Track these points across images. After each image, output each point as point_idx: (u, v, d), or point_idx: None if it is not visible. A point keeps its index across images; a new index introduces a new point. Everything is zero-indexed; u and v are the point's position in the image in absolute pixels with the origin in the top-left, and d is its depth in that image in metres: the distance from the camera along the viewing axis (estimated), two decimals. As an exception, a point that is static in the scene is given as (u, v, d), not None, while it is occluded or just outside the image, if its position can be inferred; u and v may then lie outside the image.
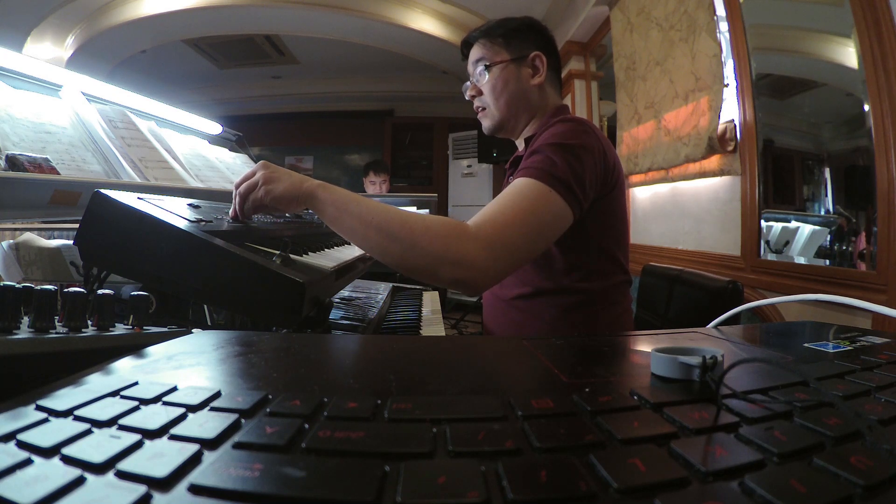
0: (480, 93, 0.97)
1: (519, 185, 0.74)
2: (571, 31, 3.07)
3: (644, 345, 0.38)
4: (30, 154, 0.71)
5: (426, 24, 3.60)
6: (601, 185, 0.83)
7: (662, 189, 2.27)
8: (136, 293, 0.42)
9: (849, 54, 1.30)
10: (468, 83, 1.00)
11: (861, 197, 1.33)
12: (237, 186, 0.69)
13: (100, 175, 0.83)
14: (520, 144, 1.01)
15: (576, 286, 0.88)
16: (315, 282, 0.52)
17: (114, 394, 0.25)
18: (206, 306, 0.75)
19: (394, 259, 0.66)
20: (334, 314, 0.87)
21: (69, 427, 0.21)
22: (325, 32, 3.84)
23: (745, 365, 0.31)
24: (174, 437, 0.20)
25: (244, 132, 1.75)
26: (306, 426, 0.21)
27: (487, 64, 0.95)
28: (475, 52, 0.97)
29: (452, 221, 0.68)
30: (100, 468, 0.17)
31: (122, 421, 0.21)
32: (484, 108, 0.98)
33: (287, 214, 0.92)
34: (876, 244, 1.22)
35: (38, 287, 0.35)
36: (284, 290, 0.49)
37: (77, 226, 0.54)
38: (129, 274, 0.54)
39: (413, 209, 3.05)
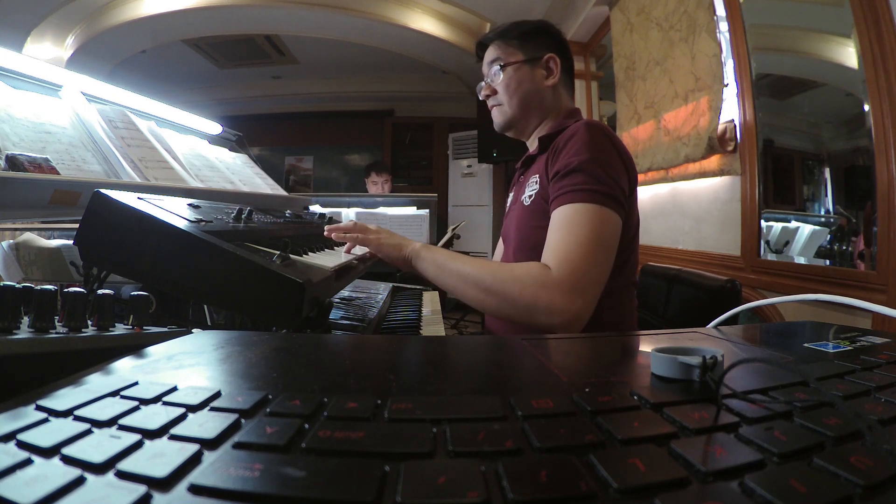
0: (495, 92, 0.99)
1: (579, 213, 0.76)
2: (571, 31, 3.07)
3: (644, 345, 0.38)
4: (30, 154, 0.71)
5: (426, 24, 3.60)
6: (628, 189, 0.84)
7: (662, 189, 2.27)
8: (136, 293, 0.42)
9: (849, 54, 1.30)
10: (482, 83, 1.01)
11: (861, 197, 1.33)
12: (352, 230, 0.86)
13: (100, 175, 0.83)
14: (531, 144, 1.02)
15: None
16: (315, 282, 0.52)
17: (114, 394, 0.25)
18: (206, 306, 0.75)
19: (492, 310, 0.75)
20: (334, 314, 0.87)
21: (69, 427, 0.21)
22: (325, 32, 3.84)
23: (745, 365, 0.31)
24: (174, 437, 0.20)
25: (244, 132, 1.75)
26: (306, 426, 0.21)
27: (502, 64, 0.96)
28: (490, 53, 0.99)
29: (535, 268, 0.73)
30: (100, 468, 0.17)
31: (122, 421, 0.21)
32: (497, 105, 0.99)
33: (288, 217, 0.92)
34: (876, 244, 1.22)
35: (38, 287, 0.35)
36: (284, 290, 0.49)
37: (77, 226, 0.54)
38: (129, 274, 0.54)
39: (413, 209, 3.05)
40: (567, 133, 0.85)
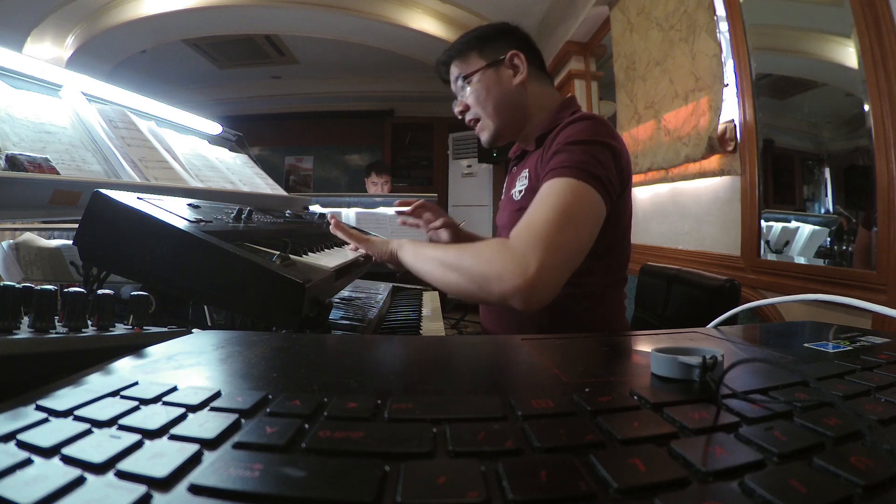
0: (468, 107, 0.97)
1: (552, 185, 0.73)
2: (571, 31, 3.07)
3: (644, 345, 0.38)
4: (30, 154, 0.71)
5: (426, 24, 3.60)
6: (618, 182, 0.83)
7: (662, 189, 2.27)
8: (136, 293, 0.42)
9: (849, 54, 1.29)
10: (456, 101, 0.99)
11: (861, 197, 1.33)
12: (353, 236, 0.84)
13: (100, 175, 0.83)
14: (527, 145, 1.00)
15: (576, 280, 0.88)
16: (315, 282, 0.52)
17: (114, 394, 0.25)
18: (206, 306, 0.75)
19: (457, 289, 0.70)
20: (334, 314, 0.87)
21: (69, 427, 0.21)
22: (325, 32, 3.84)
23: (745, 365, 0.31)
24: (174, 437, 0.20)
25: (244, 132, 1.75)
26: (306, 426, 0.21)
27: (465, 76, 0.94)
28: (453, 71, 0.97)
29: (494, 241, 0.70)
30: (100, 468, 0.17)
31: (122, 421, 0.21)
32: (477, 120, 0.97)
33: (284, 214, 0.92)
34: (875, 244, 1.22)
35: (38, 287, 0.35)
36: (284, 290, 0.49)
37: (77, 226, 0.54)
38: (129, 274, 0.54)
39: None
40: (561, 125, 0.85)
